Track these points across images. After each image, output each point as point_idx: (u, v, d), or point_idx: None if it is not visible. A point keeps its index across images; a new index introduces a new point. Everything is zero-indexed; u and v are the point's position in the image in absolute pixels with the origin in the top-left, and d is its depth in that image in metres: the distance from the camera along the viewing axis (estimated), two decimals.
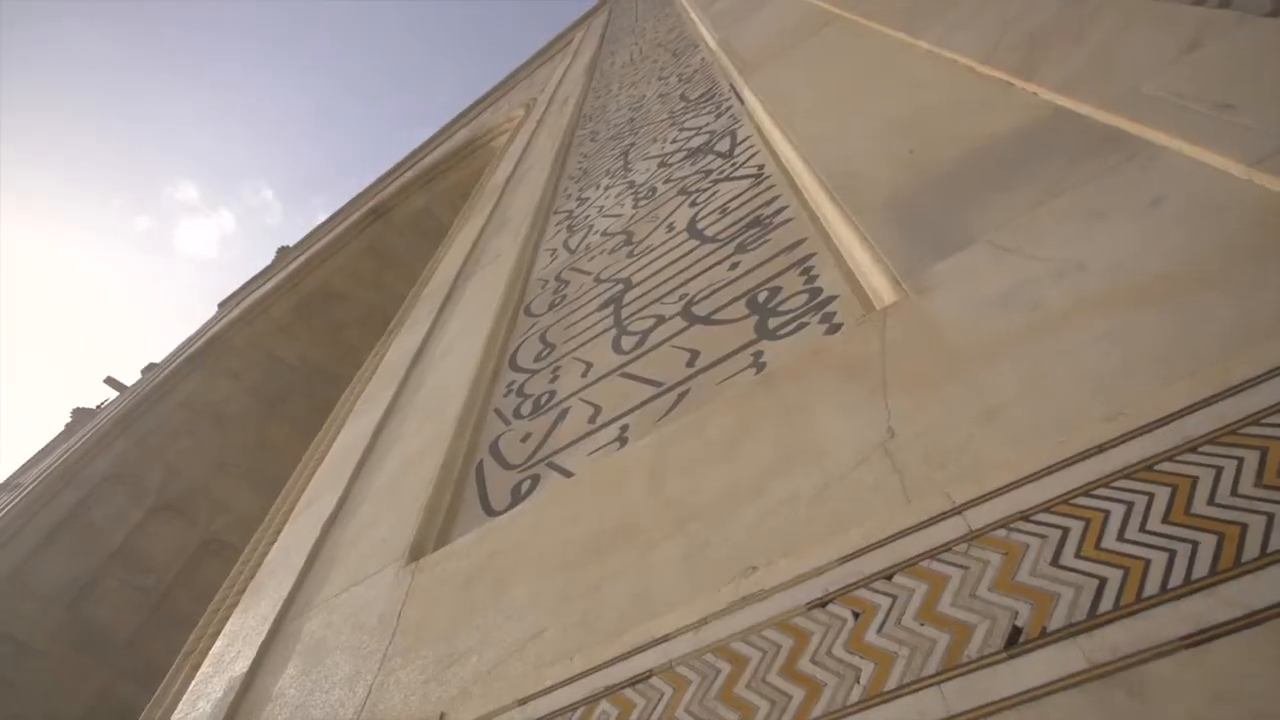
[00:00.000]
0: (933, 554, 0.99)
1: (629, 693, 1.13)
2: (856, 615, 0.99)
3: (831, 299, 1.81)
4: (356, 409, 3.46)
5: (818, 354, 1.56)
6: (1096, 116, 1.56)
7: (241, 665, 2.09)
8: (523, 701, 1.26)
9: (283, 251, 20.86)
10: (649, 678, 1.13)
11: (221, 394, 14.46)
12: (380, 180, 18.10)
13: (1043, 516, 0.93)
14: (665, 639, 1.17)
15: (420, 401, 2.94)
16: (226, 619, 2.52)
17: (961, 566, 0.95)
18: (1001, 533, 0.95)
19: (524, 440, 2.26)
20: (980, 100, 1.95)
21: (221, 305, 20.17)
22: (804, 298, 1.90)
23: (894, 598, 0.97)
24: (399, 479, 2.44)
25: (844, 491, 1.21)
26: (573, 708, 1.18)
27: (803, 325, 1.80)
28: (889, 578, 1.00)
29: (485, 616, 1.56)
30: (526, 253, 3.80)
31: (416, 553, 1.99)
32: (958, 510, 1.02)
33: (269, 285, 15.89)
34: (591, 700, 1.17)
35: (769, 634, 1.05)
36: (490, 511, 2.05)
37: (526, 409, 2.42)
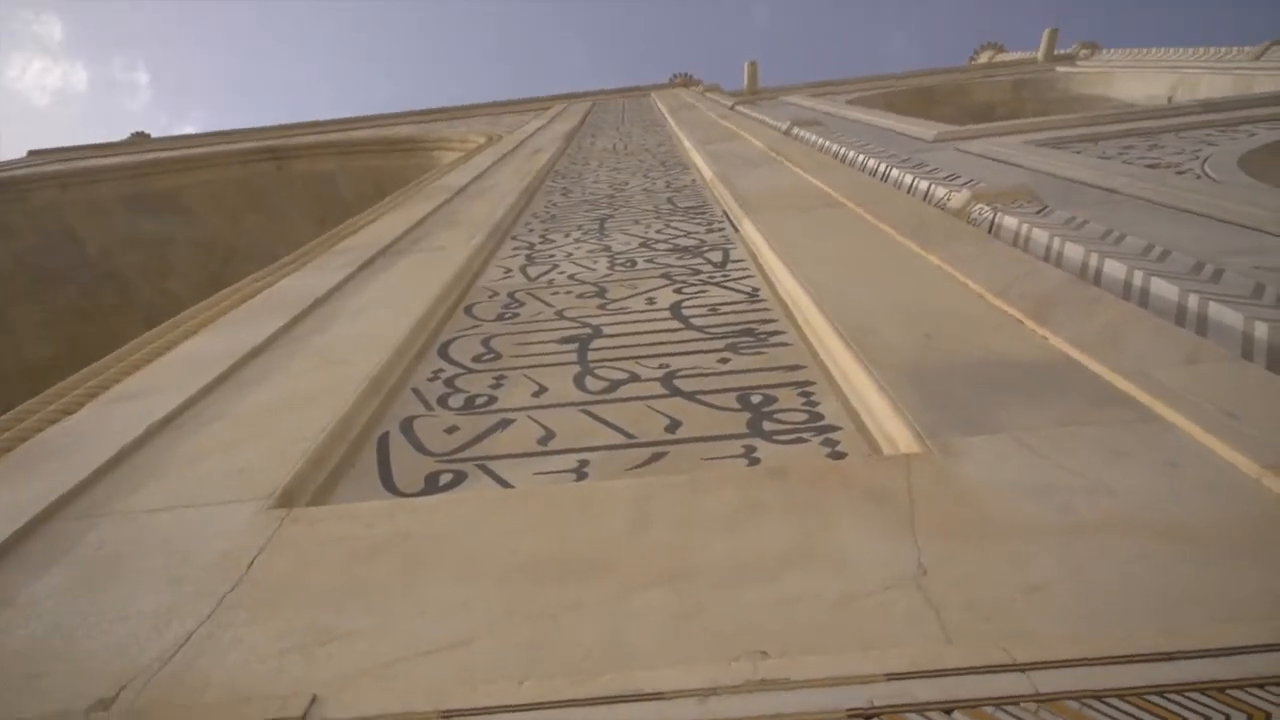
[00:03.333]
0: (997, 702, 0.94)
1: None
2: None
3: (834, 428, 1.82)
4: (224, 321, 2.95)
5: (836, 469, 1.54)
6: (1109, 378, 1.76)
7: None
8: (447, 715, 1.01)
9: (139, 137, 18.61)
10: None
11: None
12: (288, 127, 16.89)
13: (1118, 703, 0.92)
14: (658, 697, 1.00)
15: (319, 346, 2.56)
16: None
17: None
18: (1074, 704, 0.92)
19: (449, 432, 2.00)
20: (994, 324, 2.15)
21: (34, 154, 17.33)
22: (803, 415, 1.90)
23: None
24: (276, 413, 2.05)
25: (872, 609, 1.15)
26: None
27: (802, 440, 1.79)
28: (948, 713, 0.93)
29: (389, 601, 1.28)
30: (477, 259, 3.60)
31: (286, 500, 1.64)
32: (1020, 668, 0.99)
33: (110, 161, 13.91)
34: None
35: None
36: (394, 489, 1.76)
37: (457, 402, 2.17)
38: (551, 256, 3.66)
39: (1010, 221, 3.12)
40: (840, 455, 1.70)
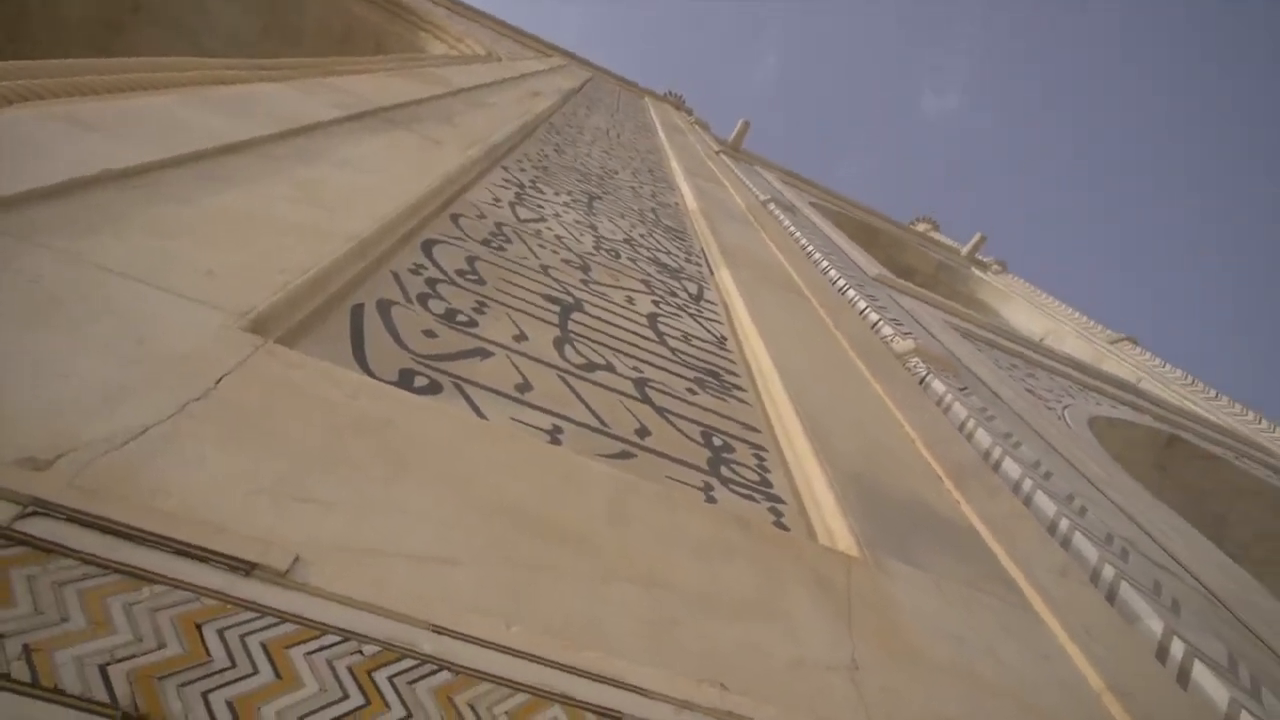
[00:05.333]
0: None
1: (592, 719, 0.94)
2: None
3: (780, 500, 1.93)
4: (193, 95, 2.59)
5: (792, 541, 1.63)
6: (1005, 562, 2.01)
7: None
8: (439, 631, 0.97)
9: None
10: (620, 718, 0.96)
11: None
12: None
13: None
14: (641, 692, 1.02)
15: (303, 179, 2.32)
16: None
17: None
18: None
19: (428, 335, 1.90)
20: (921, 471, 2.38)
21: None
22: (755, 476, 1.99)
23: None
24: (254, 229, 1.85)
25: (817, 683, 1.23)
26: (512, 687, 0.94)
27: (752, 499, 1.87)
28: None
29: (368, 485, 1.20)
30: (472, 171, 3.43)
31: (260, 328, 1.48)
32: None
33: None
34: (542, 696, 0.94)
35: None
36: (365, 368, 1.64)
37: (437, 308, 2.06)
38: (540, 208, 3.57)
39: (939, 386, 3.46)
40: (784, 528, 1.81)
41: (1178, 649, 1.99)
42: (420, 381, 1.69)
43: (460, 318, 2.08)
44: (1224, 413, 10.49)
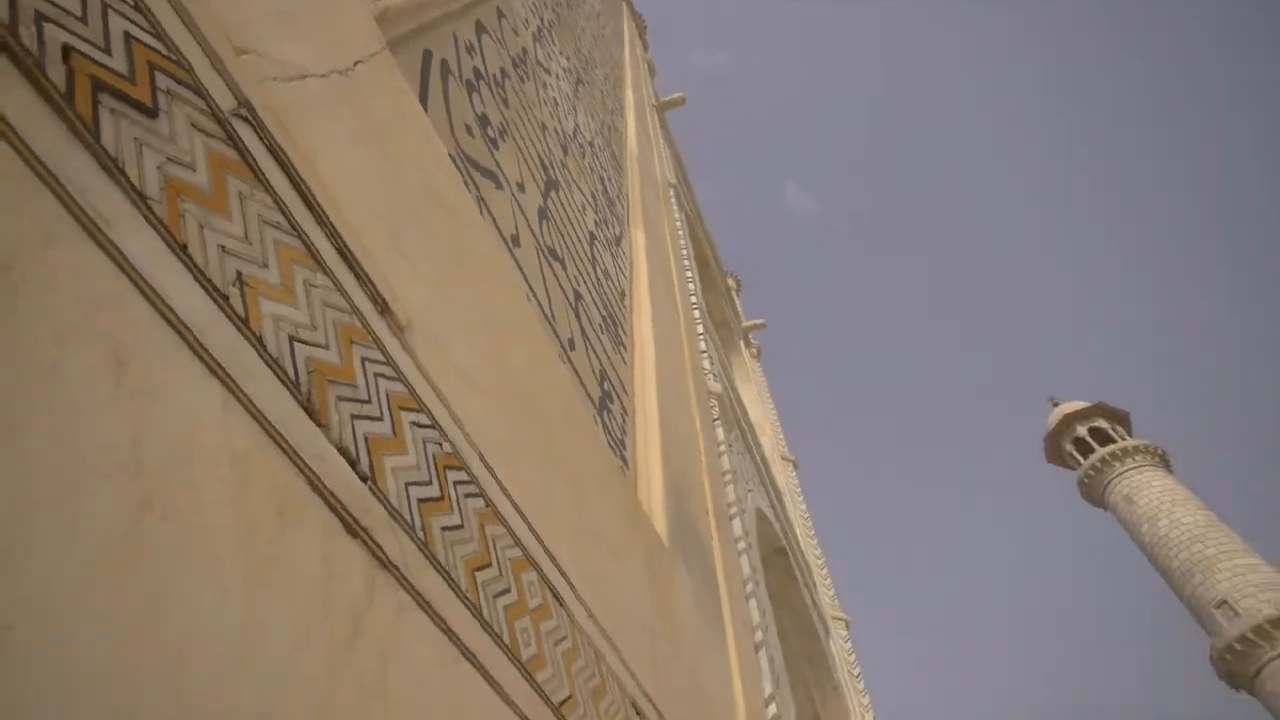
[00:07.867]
0: None
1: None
2: None
3: (627, 465, 2.15)
4: None
5: (638, 508, 1.86)
6: (723, 598, 2.46)
7: None
8: (483, 459, 1.02)
9: None
10: (563, 603, 1.10)
11: None
12: None
13: None
14: (573, 587, 1.16)
15: None
16: None
17: None
18: None
19: (467, 131, 1.79)
20: (701, 501, 2.78)
21: None
22: (618, 433, 2.19)
23: None
24: None
25: (635, 633, 1.47)
26: (513, 539, 1.03)
27: (614, 451, 2.07)
28: None
29: (440, 265, 1.18)
30: None
31: (383, 22, 1.34)
32: None
33: None
34: (526, 559, 1.05)
35: None
36: None
37: (478, 106, 1.94)
38: (549, 59, 3.39)
39: (720, 434, 3.96)
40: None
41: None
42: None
43: (490, 131, 1.97)
44: (812, 551, 12.97)
